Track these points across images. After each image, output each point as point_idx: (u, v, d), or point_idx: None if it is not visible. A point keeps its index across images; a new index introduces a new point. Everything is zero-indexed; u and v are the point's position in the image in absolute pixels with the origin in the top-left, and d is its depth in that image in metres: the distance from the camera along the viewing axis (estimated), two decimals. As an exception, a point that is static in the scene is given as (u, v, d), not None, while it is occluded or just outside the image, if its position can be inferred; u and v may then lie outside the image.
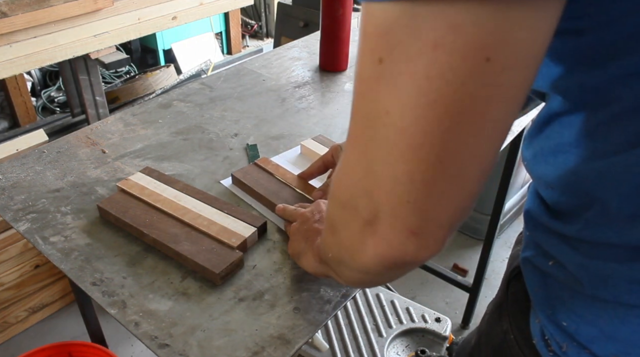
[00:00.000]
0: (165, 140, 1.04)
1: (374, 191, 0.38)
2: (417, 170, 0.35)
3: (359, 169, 0.39)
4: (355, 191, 0.40)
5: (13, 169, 0.94)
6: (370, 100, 0.36)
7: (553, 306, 0.52)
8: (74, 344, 1.29)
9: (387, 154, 0.36)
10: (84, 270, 0.74)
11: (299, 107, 1.17)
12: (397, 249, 0.39)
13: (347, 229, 0.42)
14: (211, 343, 0.65)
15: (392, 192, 0.37)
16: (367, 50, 0.35)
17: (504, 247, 2.10)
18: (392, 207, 0.37)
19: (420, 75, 0.33)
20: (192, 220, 0.79)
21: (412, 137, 0.34)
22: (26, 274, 1.60)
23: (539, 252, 0.54)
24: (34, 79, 2.89)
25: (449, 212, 0.38)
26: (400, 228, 0.38)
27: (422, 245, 0.39)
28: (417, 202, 0.36)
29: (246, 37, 3.85)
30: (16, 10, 1.50)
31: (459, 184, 0.36)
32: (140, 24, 1.84)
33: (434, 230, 0.38)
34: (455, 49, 0.31)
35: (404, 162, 0.35)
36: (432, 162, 0.35)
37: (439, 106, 0.33)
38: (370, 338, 1.31)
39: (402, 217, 0.37)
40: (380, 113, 0.35)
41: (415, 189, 0.36)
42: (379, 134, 0.36)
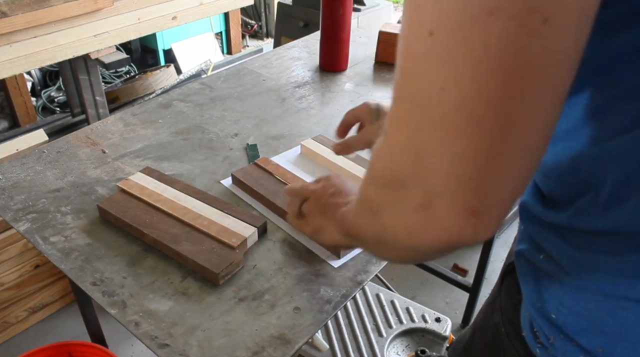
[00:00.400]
0: (165, 140, 1.04)
1: (429, 174, 0.36)
2: (481, 144, 0.34)
3: (409, 152, 0.37)
4: (404, 174, 0.38)
5: (13, 169, 0.94)
6: (421, 77, 0.34)
7: (543, 299, 0.53)
8: (74, 344, 1.29)
9: (444, 132, 0.34)
10: (84, 270, 0.74)
11: (299, 107, 1.17)
12: (455, 232, 0.37)
13: (395, 212, 0.40)
14: (211, 343, 0.65)
15: (451, 172, 0.35)
16: (415, 23, 0.34)
17: (504, 247, 2.09)
18: (450, 189, 0.36)
19: (477, 45, 0.31)
20: (192, 220, 0.79)
21: (473, 110, 0.33)
22: (26, 274, 1.60)
23: (532, 245, 0.54)
24: (34, 79, 2.89)
25: (511, 188, 0.36)
26: (460, 210, 0.36)
27: (481, 225, 0.37)
28: (480, 179, 0.35)
29: (246, 37, 3.85)
30: (16, 10, 1.50)
31: (524, 155, 0.35)
32: (140, 24, 1.84)
33: (495, 208, 0.37)
34: (511, 14, 0.30)
35: (464, 138, 0.34)
36: (496, 135, 0.33)
37: (500, 74, 0.32)
38: (370, 338, 1.31)
39: (462, 198, 0.36)
40: (435, 90, 0.34)
41: (479, 165, 0.34)
42: (434, 113, 0.34)
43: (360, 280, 0.75)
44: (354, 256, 0.78)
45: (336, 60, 1.32)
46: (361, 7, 2.66)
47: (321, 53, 1.33)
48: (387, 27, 1.35)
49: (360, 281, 0.74)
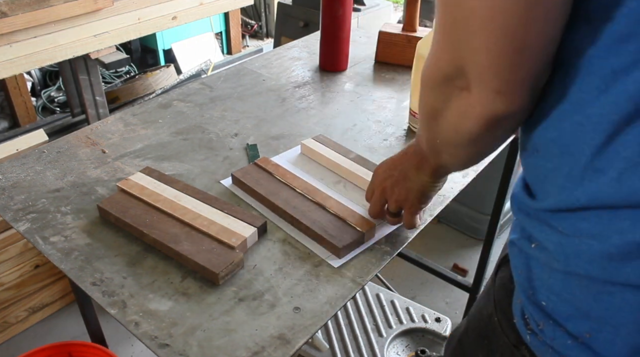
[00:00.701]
0: (165, 140, 1.04)
1: (464, 65, 0.47)
2: (490, 41, 0.44)
3: (449, 49, 0.48)
4: (449, 69, 0.49)
5: (13, 169, 0.94)
6: None
7: (534, 287, 0.54)
8: (74, 344, 1.29)
9: (466, 32, 0.45)
10: (84, 270, 0.74)
11: (299, 107, 1.17)
12: (489, 108, 0.47)
13: (449, 104, 0.52)
14: (211, 343, 0.65)
15: (476, 61, 0.46)
16: None
17: (504, 247, 2.10)
18: (478, 74, 0.46)
19: None
20: (192, 220, 0.79)
21: (481, 15, 0.43)
22: (26, 274, 1.60)
23: (524, 235, 0.56)
24: (34, 79, 2.89)
25: (524, 74, 0.45)
26: (488, 90, 0.47)
27: (508, 101, 0.47)
28: (495, 67, 0.45)
29: (246, 37, 3.85)
30: (16, 10, 1.50)
31: (528, 51, 0.44)
32: (140, 24, 1.84)
33: (515, 88, 0.46)
34: None
35: (478, 36, 0.44)
36: (500, 34, 0.43)
37: None
38: (370, 338, 1.31)
39: (487, 81, 0.46)
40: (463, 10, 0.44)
41: (493, 56, 0.44)
42: (457, 18, 0.45)
43: (360, 280, 0.75)
44: (353, 256, 0.78)
45: (336, 60, 1.32)
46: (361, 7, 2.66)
47: (321, 53, 1.33)
48: (387, 27, 1.35)
49: (360, 281, 0.74)
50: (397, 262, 1.90)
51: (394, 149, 1.03)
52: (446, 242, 2.10)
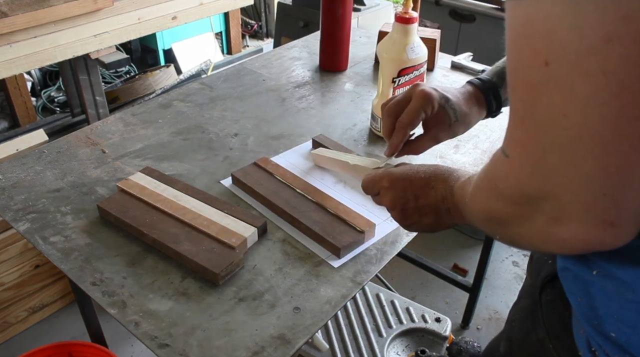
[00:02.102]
0: (165, 140, 1.04)
1: (561, 192, 0.39)
2: (612, 163, 0.35)
3: (538, 174, 0.39)
4: (535, 193, 0.41)
5: (13, 169, 0.94)
6: (543, 105, 0.36)
7: (599, 316, 0.50)
8: (74, 344, 1.28)
9: (572, 155, 0.36)
10: (84, 270, 0.74)
11: (299, 107, 1.17)
12: (594, 241, 0.40)
13: (528, 225, 0.44)
14: (211, 343, 0.65)
15: (585, 189, 0.37)
16: (529, 54, 0.35)
17: (504, 247, 2.09)
18: (585, 204, 0.38)
19: (596, 72, 0.32)
20: (192, 220, 0.79)
21: (598, 133, 0.34)
22: (26, 274, 1.60)
23: (579, 260, 0.52)
24: (34, 79, 2.89)
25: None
26: (597, 222, 0.39)
27: (620, 233, 0.39)
28: (614, 194, 0.37)
29: (246, 37, 3.85)
30: (16, 10, 1.50)
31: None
32: (140, 24, 1.84)
33: (630, 217, 0.39)
34: (630, 39, 0.31)
35: (594, 159, 0.36)
36: (626, 153, 0.35)
37: (623, 98, 0.33)
38: (370, 338, 1.31)
39: (598, 211, 0.38)
40: (557, 117, 0.35)
41: (612, 182, 0.36)
42: (560, 138, 0.36)
43: (360, 280, 0.75)
44: (354, 256, 0.78)
45: (336, 60, 1.32)
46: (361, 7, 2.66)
47: (321, 53, 1.33)
48: (387, 27, 1.35)
49: (360, 281, 0.74)
50: (397, 262, 1.90)
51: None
52: (446, 242, 2.09)
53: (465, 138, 1.07)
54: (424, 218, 0.66)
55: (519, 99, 0.39)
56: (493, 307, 1.83)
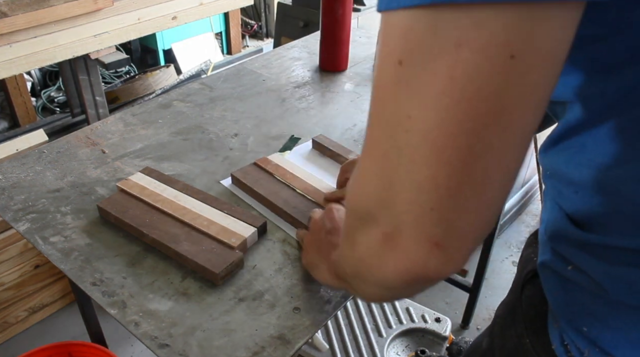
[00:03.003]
0: (165, 140, 1.04)
1: (395, 202, 0.36)
2: (441, 175, 0.34)
3: (378, 179, 0.37)
4: (373, 202, 0.38)
5: (13, 169, 0.94)
6: (391, 105, 0.35)
7: (573, 311, 0.51)
8: (74, 344, 1.29)
9: (409, 160, 0.34)
10: (84, 270, 0.74)
11: (299, 107, 1.17)
12: (419, 263, 0.37)
13: (366, 242, 0.40)
14: (211, 343, 0.65)
15: (414, 200, 0.35)
16: (386, 53, 0.34)
17: (504, 247, 2.10)
18: (414, 218, 0.36)
19: (443, 75, 0.32)
20: (192, 220, 0.79)
21: (436, 140, 0.33)
22: (26, 274, 1.60)
23: (557, 257, 0.52)
24: (34, 79, 2.89)
25: (473, 222, 0.36)
26: (424, 240, 0.36)
27: (446, 258, 0.37)
28: (441, 210, 0.35)
29: (246, 37, 3.85)
30: (16, 10, 1.50)
31: (484, 191, 0.35)
32: (140, 24, 1.84)
33: (458, 242, 0.36)
34: (479, 47, 0.30)
35: (427, 167, 0.34)
36: (457, 166, 0.33)
37: (464, 107, 0.32)
38: (370, 338, 1.31)
39: (425, 228, 0.36)
40: (402, 118, 0.34)
41: (439, 196, 0.34)
42: (401, 141, 0.34)
43: (360, 280, 0.74)
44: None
45: (336, 60, 1.32)
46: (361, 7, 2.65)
47: (321, 53, 1.33)
48: (387, 27, 1.35)
49: (360, 281, 0.74)
50: (397, 262, 1.90)
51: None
52: (446, 242, 2.10)
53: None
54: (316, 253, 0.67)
55: (373, 99, 0.37)
56: (493, 307, 1.83)
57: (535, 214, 2.27)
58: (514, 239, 2.14)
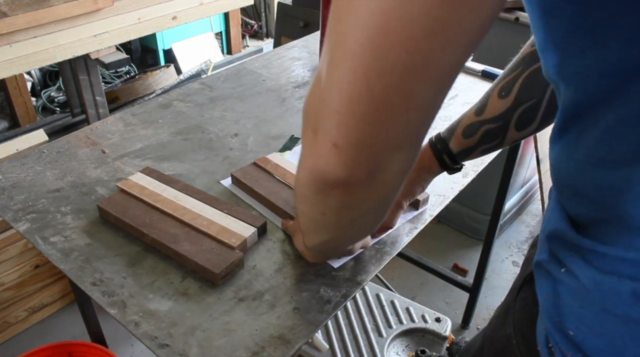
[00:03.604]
0: (165, 140, 1.04)
1: (322, 103, 0.39)
2: (346, 80, 0.35)
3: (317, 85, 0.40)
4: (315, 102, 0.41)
5: (13, 169, 0.94)
6: (334, 20, 0.37)
7: (561, 314, 0.51)
8: (74, 344, 1.29)
9: (335, 68, 0.37)
10: (84, 270, 0.74)
11: (299, 107, 1.17)
12: (323, 160, 0.40)
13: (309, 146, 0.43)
14: (211, 343, 0.65)
15: (327, 102, 0.38)
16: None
17: (504, 247, 2.10)
18: (323, 117, 0.38)
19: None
20: (192, 220, 0.79)
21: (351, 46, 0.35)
22: (26, 274, 1.60)
23: (552, 258, 0.53)
24: (34, 79, 2.89)
25: (370, 136, 0.37)
26: (327, 139, 0.39)
27: (341, 160, 0.39)
28: (342, 114, 0.37)
29: (246, 37, 3.85)
30: (16, 10, 1.50)
31: (386, 112, 0.36)
32: (140, 24, 1.84)
33: (354, 149, 0.38)
34: None
35: (339, 71, 0.36)
36: (367, 84, 0.35)
37: (388, 33, 0.33)
38: (370, 338, 1.31)
39: (329, 129, 0.38)
40: (339, 36, 0.36)
41: (342, 99, 0.36)
42: (332, 43, 0.37)
43: (360, 280, 0.75)
44: (354, 256, 0.78)
45: (336, 60, 1.32)
46: (361, 7, 2.65)
47: (321, 53, 1.33)
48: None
49: (360, 281, 0.74)
50: (397, 262, 1.90)
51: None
52: (446, 242, 2.10)
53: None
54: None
55: (329, 28, 0.39)
56: (493, 307, 1.83)
57: (535, 214, 2.27)
58: (514, 239, 2.14)
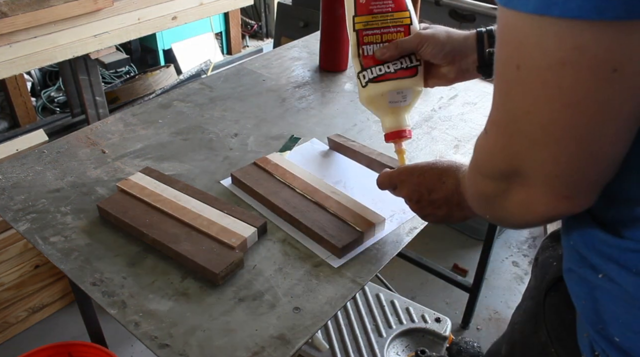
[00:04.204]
0: (165, 140, 1.04)
1: (525, 170, 0.45)
2: (561, 154, 0.42)
3: (506, 153, 0.46)
4: (505, 168, 0.47)
5: (13, 169, 0.94)
6: (512, 99, 0.43)
7: (604, 320, 0.50)
8: (74, 344, 1.28)
9: (532, 143, 0.43)
10: (84, 270, 0.74)
11: (299, 107, 1.17)
12: (552, 211, 0.47)
13: (503, 199, 0.50)
14: (211, 343, 0.65)
15: (541, 171, 0.44)
16: (506, 56, 0.42)
17: (504, 247, 2.09)
18: (543, 182, 0.45)
19: (552, 85, 0.38)
20: (192, 220, 0.79)
21: (553, 132, 0.41)
22: (26, 274, 1.60)
23: (585, 263, 0.52)
24: (34, 79, 2.89)
25: (592, 180, 0.44)
26: (554, 196, 0.45)
27: (574, 204, 0.46)
28: (564, 177, 0.43)
29: (246, 37, 3.85)
30: (16, 10, 1.50)
31: (601, 162, 0.42)
32: (140, 24, 1.83)
33: (582, 193, 0.45)
34: (581, 67, 0.36)
35: (547, 149, 0.42)
36: (573, 149, 0.41)
37: (575, 110, 0.39)
38: (370, 338, 1.31)
39: (553, 189, 0.45)
40: (521, 111, 0.42)
41: (561, 168, 0.43)
42: (523, 128, 0.43)
43: (360, 280, 0.75)
44: (354, 256, 0.78)
45: (336, 60, 1.32)
46: (361, 7, 2.65)
47: (321, 53, 1.33)
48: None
49: (360, 281, 0.74)
50: (397, 262, 1.90)
51: (394, 149, 1.03)
52: (446, 242, 2.09)
53: (465, 137, 1.07)
54: (437, 210, 0.72)
55: (498, 87, 0.44)
56: (493, 307, 1.83)
57: (535, 214, 2.26)
58: (514, 239, 2.14)
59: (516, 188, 0.48)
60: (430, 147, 1.05)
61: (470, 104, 1.20)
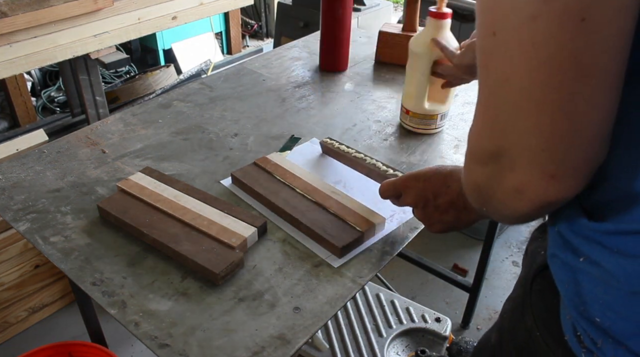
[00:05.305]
0: (165, 140, 1.04)
1: (511, 147, 0.44)
2: (545, 123, 0.40)
3: (492, 130, 0.45)
4: (492, 148, 0.46)
5: (13, 169, 0.94)
6: (491, 70, 0.42)
7: (585, 302, 0.51)
8: (74, 344, 1.28)
9: (515, 114, 0.42)
10: (84, 270, 0.74)
11: (299, 107, 1.17)
12: (540, 194, 0.44)
13: (497, 183, 0.48)
14: (211, 343, 0.65)
15: (526, 145, 0.42)
16: (483, 24, 0.42)
17: (504, 247, 2.09)
18: (528, 158, 0.43)
19: (527, 43, 0.38)
20: (192, 220, 0.79)
21: (533, 95, 0.40)
22: (26, 274, 1.60)
23: (568, 247, 0.53)
24: (34, 79, 2.89)
25: (581, 155, 0.42)
26: (541, 175, 0.43)
27: (562, 186, 0.44)
28: (550, 150, 0.42)
29: (246, 37, 3.85)
30: (16, 10, 1.50)
31: (584, 130, 0.41)
32: (140, 24, 1.84)
33: (571, 172, 0.43)
34: (551, 17, 0.36)
35: (531, 118, 0.41)
36: (556, 115, 0.40)
37: (550, 66, 0.38)
38: (370, 338, 1.31)
39: (539, 166, 0.43)
40: (501, 81, 0.41)
41: (546, 139, 0.41)
42: (505, 98, 0.42)
43: (360, 280, 0.75)
44: (354, 256, 0.78)
45: (336, 60, 1.32)
46: (361, 7, 2.66)
47: (321, 53, 1.33)
48: (387, 27, 1.35)
49: (360, 281, 0.74)
50: (397, 262, 1.90)
51: (394, 149, 1.03)
52: (446, 242, 2.09)
53: (465, 137, 1.07)
54: (444, 216, 0.72)
55: (478, 64, 0.44)
56: (493, 307, 1.83)
57: (535, 214, 2.26)
58: (514, 239, 2.14)
59: (505, 174, 0.46)
60: (430, 147, 1.05)
61: (471, 104, 1.20)
